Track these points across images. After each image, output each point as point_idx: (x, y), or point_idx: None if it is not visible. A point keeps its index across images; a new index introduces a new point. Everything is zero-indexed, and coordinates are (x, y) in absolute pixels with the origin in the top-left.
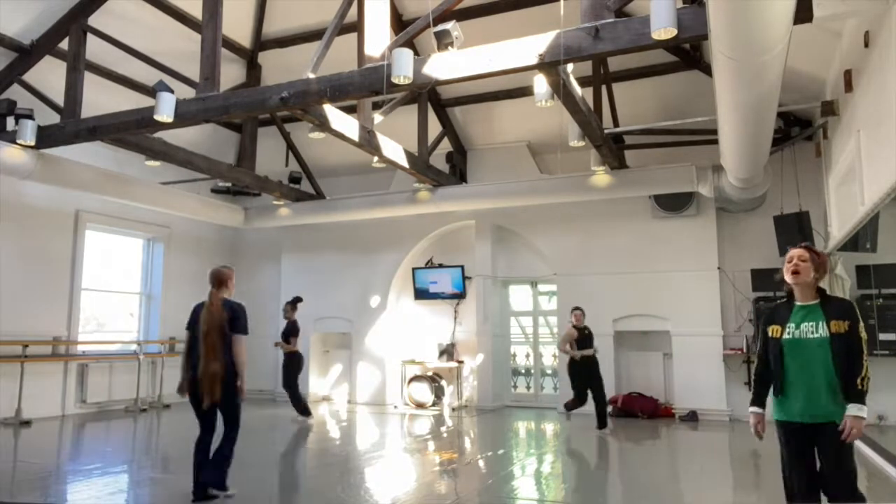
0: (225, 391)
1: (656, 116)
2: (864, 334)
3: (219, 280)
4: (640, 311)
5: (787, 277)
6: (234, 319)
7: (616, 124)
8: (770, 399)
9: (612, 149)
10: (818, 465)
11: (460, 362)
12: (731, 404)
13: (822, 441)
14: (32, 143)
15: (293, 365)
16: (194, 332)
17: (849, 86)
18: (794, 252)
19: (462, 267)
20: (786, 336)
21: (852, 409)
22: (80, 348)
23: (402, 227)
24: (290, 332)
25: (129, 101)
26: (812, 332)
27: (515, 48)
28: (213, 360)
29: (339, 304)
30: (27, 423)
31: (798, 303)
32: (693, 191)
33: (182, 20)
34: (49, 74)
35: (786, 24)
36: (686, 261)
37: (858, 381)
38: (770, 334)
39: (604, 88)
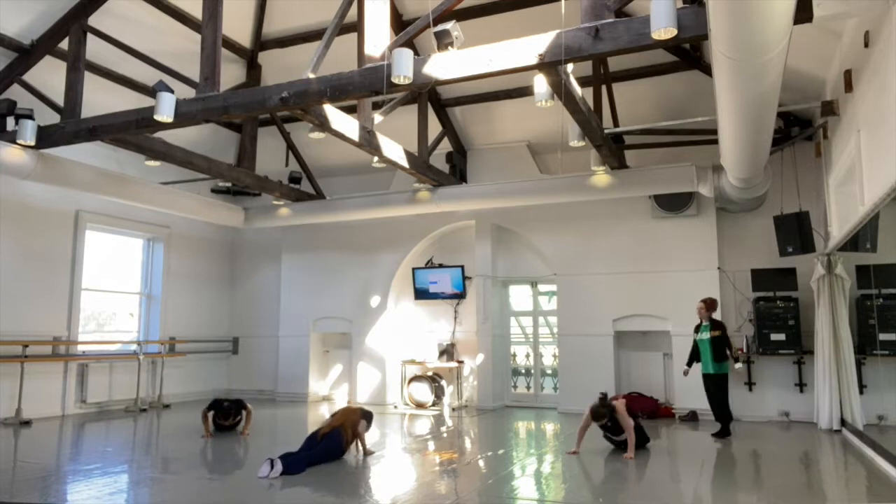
0: None
1: (656, 116)
2: (728, 337)
3: None
4: (640, 311)
5: (699, 315)
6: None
7: (616, 124)
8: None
9: (612, 149)
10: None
11: (460, 362)
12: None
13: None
14: (32, 143)
15: None
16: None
17: (849, 86)
18: (699, 304)
19: (462, 267)
20: (699, 337)
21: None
22: (80, 348)
23: (402, 227)
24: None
25: (129, 101)
26: (705, 336)
27: (515, 48)
28: None
29: (339, 304)
30: (27, 423)
31: (703, 323)
32: (693, 191)
33: (182, 20)
34: (49, 74)
35: (786, 24)
36: (686, 261)
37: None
38: (695, 337)
39: (604, 88)
